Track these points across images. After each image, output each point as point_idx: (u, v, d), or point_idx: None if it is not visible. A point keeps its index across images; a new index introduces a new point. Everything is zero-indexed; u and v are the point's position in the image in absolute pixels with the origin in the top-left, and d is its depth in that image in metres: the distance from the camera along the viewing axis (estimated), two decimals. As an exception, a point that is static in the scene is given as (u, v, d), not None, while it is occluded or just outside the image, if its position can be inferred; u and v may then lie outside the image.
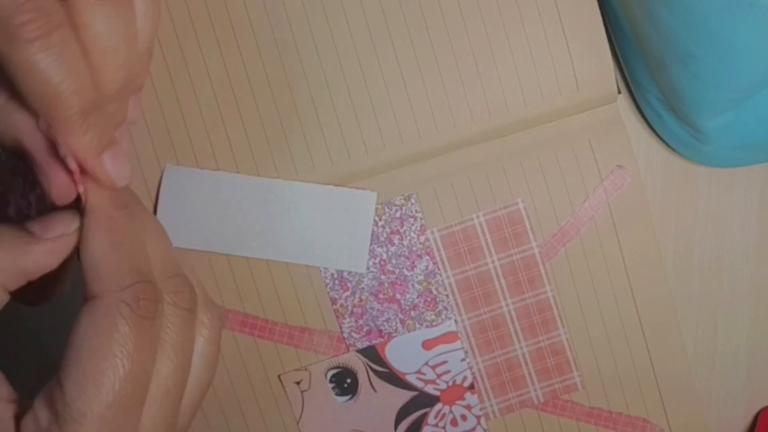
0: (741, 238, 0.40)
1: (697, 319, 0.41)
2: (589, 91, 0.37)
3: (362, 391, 0.39)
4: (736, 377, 0.41)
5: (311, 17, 0.37)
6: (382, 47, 0.37)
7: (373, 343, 0.39)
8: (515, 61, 0.37)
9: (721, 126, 0.35)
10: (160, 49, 0.36)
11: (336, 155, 0.37)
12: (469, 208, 0.38)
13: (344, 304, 0.38)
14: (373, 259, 0.38)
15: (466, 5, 0.37)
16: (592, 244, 0.38)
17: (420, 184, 0.38)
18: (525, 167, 0.38)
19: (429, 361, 0.39)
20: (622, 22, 0.36)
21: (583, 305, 0.39)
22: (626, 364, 0.39)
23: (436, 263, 0.38)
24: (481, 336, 0.39)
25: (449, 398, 0.39)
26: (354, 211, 0.38)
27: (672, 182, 0.40)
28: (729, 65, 0.31)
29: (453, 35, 0.37)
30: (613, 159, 0.38)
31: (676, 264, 0.40)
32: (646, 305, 0.39)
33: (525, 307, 0.39)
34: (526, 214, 0.38)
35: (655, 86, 0.36)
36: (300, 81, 0.37)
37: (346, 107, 0.37)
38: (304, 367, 0.39)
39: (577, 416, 0.40)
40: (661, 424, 0.40)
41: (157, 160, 0.37)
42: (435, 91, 0.37)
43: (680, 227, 0.40)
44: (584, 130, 0.38)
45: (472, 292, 0.39)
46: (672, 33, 0.32)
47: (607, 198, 0.38)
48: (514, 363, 0.39)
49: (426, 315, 0.39)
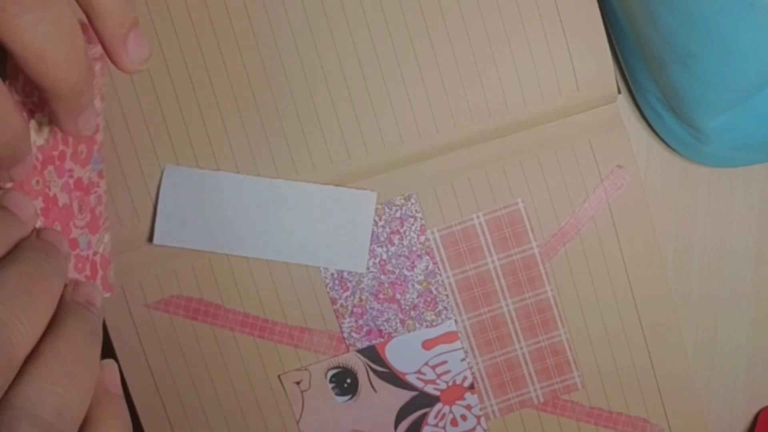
0: (741, 238, 0.40)
1: (697, 319, 0.41)
2: (589, 91, 0.37)
3: (362, 391, 0.39)
4: (736, 377, 0.41)
5: (311, 17, 0.37)
6: (382, 47, 0.37)
7: (373, 343, 0.39)
8: (515, 61, 0.37)
9: (721, 126, 0.35)
10: (160, 49, 0.36)
11: (336, 155, 0.37)
12: (469, 208, 0.38)
13: (344, 304, 0.38)
14: (373, 259, 0.38)
15: (466, 5, 0.37)
16: (592, 244, 0.38)
17: (420, 184, 0.38)
18: (525, 167, 0.38)
19: (429, 361, 0.39)
20: (622, 22, 0.36)
21: (583, 305, 0.39)
22: (626, 364, 0.39)
23: (436, 263, 0.38)
24: (481, 336, 0.39)
25: (449, 398, 0.39)
26: (354, 211, 0.38)
27: (672, 182, 0.40)
28: (729, 65, 0.31)
29: (453, 35, 0.37)
30: (613, 159, 0.38)
31: (676, 264, 0.40)
32: (646, 305, 0.39)
33: (525, 307, 0.39)
34: (526, 214, 0.38)
35: (655, 86, 0.36)
36: (300, 81, 0.37)
37: (346, 107, 0.37)
38: (304, 367, 0.39)
39: (577, 416, 0.40)
40: (661, 424, 0.40)
41: (157, 160, 0.37)
42: (435, 91, 0.37)
43: (680, 227, 0.40)
44: (584, 130, 0.38)
45: (472, 292, 0.39)
46: (672, 33, 0.32)
47: (607, 198, 0.38)
48: (514, 363, 0.39)
49: (426, 315, 0.39)
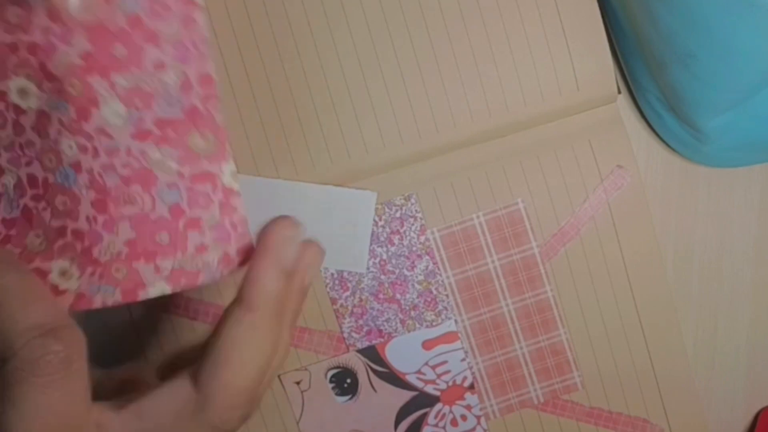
0: (741, 238, 0.40)
1: (697, 319, 0.41)
2: (589, 91, 0.37)
3: (362, 391, 0.39)
4: (736, 377, 0.41)
5: (311, 17, 0.37)
6: (382, 47, 0.37)
7: (373, 343, 0.39)
8: (515, 61, 0.37)
9: (721, 126, 0.35)
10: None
11: (336, 155, 0.37)
12: (469, 208, 0.38)
13: (344, 304, 0.38)
14: (373, 259, 0.38)
15: (466, 5, 0.37)
16: (592, 244, 0.38)
17: (420, 184, 0.38)
18: (525, 167, 0.38)
19: (429, 361, 0.39)
20: (622, 22, 0.36)
21: (583, 305, 0.39)
22: (626, 364, 0.39)
23: (436, 263, 0.38)
24: (481, 336, 0.39)
25: (449, 398, 0.39)
26: (354, 211, 0.38)
27: (672, 182, 0.40)
28: (729, 65, 0.31)
29: (453, 35, 0.37)
30: (613, 159, 0.38)
31: (676, 264, 0.40)
32: (646, 305, 0.39)
33: (525, 307, 0.39)
34: (526, 214, 0.38)
35: (655, 86, 0.36)
36: (300, 81, 0.37)
37: (346, 107, 0.37)
38: (304, 367, 0.39)
39: (577, 416, 0.40)
40: (661, 424, 0.40)
41: (157, 160, 0.37)
42: (435, 91, 0.37)
43: (680, 227, 0.40)
44: (584, 130, 0.38)
45: (472, 292, 0.39)
46: (672, 33, 0.32)
47: (607, 198, 0.38)
48: (514, 363, 0.39)
49: (426, 315, 0.39)
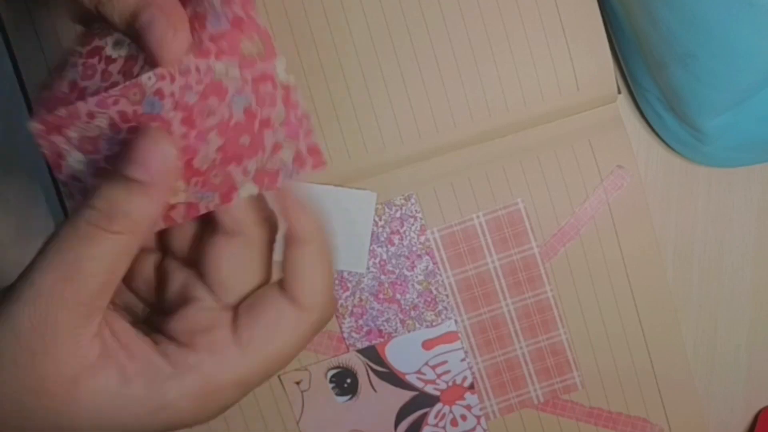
0: (741, 238, 0.40)
1: (697, 319, 0.41)
2: (589, 91, 0.37)
3: (362, 391, 0.39)
4: (736, 377, 0.41)
5: (311, 17, 0.37)
6: (382, 47, 0.37)
7: (373, 343, 0.39)
8: (515, 61, 0.37)
9: (721, 126, 0.35)
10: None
11: (336, 155, 0.37)
12: (469, 208, 0.38)
13: (344, 304, 0.38)
14: (373, 259, 0.38)
15: (466, 5, 0.37)
16: (592, 244, 0.38)
17: (420, 184, 0.38)
18: (525, 167, 0.38)
19: (429, 361, 0.39)
20: (622, 22, 0.36)
21: (583, 305, 0.39)
22: (626, 364, 0.39)
23: (436, 263, 0.38)
24: (481, 336, 0.39)
25: (449, 398, 0.39)
26: (354, 211, 0.38)
27: (672, 182, 0.40)
28: (729, 65, 0.31)
29: (453, 35, 0.37)
30: (613, 159, 0.38)
31: (676, 264, 0.40)
32: (646, 305, 0.39)
33: (525, 307, 0.39)
34: (526, 214, 0.38)
35: (655, 86, 0.36)
36: (300, 81, 0.37)
37: (347, 107, 0.37)
38: (304, 367, 0.39)
39: (577, 416, 0.40)
40: (661, 424, 0.40)
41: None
42: (435, 91, 0.37)
43: (680, 227, 0.40)
44: (584, 130, 0.38)
45: (472, 292, 0.39)
46: (672, 33, 0.32)
47: (607, 198, 0.38)
48: (514, 363, 0.39)
49: (426, 315, 0.39)
